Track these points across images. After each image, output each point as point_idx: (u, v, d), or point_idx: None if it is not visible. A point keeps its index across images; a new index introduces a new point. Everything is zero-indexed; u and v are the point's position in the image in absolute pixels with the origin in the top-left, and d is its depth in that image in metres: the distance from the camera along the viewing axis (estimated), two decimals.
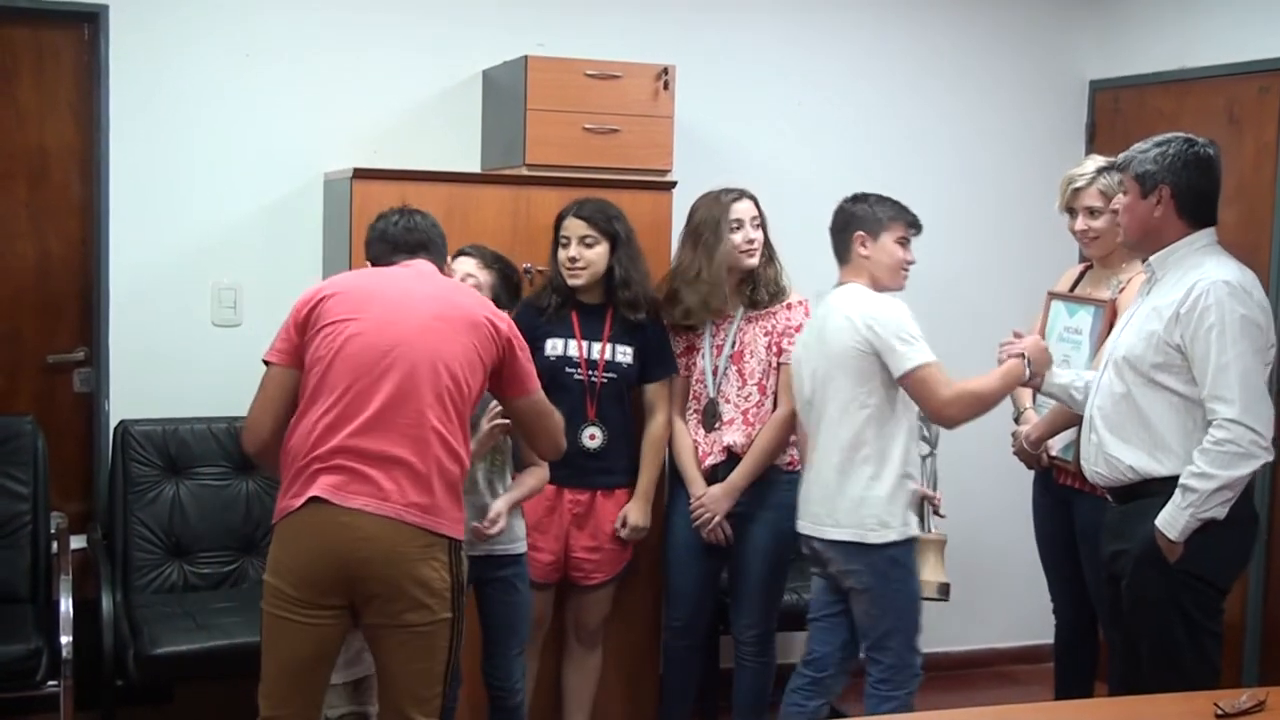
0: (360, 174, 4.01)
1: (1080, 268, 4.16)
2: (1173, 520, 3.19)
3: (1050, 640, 5.58)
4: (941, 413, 3.56)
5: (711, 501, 4.00)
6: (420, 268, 3.21)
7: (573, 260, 3.91)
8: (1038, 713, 3.25)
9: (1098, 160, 3.94)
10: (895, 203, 3.76)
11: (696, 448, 4.07)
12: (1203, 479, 3.15)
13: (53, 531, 4.14)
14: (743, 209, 4.03)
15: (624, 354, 3.97)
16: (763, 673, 4.15)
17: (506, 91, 4.36)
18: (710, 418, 4.05)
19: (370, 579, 2.91)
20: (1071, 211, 3.98)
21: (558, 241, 3.96)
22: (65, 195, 4.36)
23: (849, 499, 3.60)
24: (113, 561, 4.11)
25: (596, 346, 3.94)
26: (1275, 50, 4.57)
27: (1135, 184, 3.33)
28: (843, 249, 3.76)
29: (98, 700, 3.83)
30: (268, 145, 4.36)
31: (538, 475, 3.65)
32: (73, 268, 4.38)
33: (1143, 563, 3.29)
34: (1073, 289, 4.09)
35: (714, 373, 4.04)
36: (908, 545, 3.64)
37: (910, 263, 3.75)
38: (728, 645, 4.40)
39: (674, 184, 4.32)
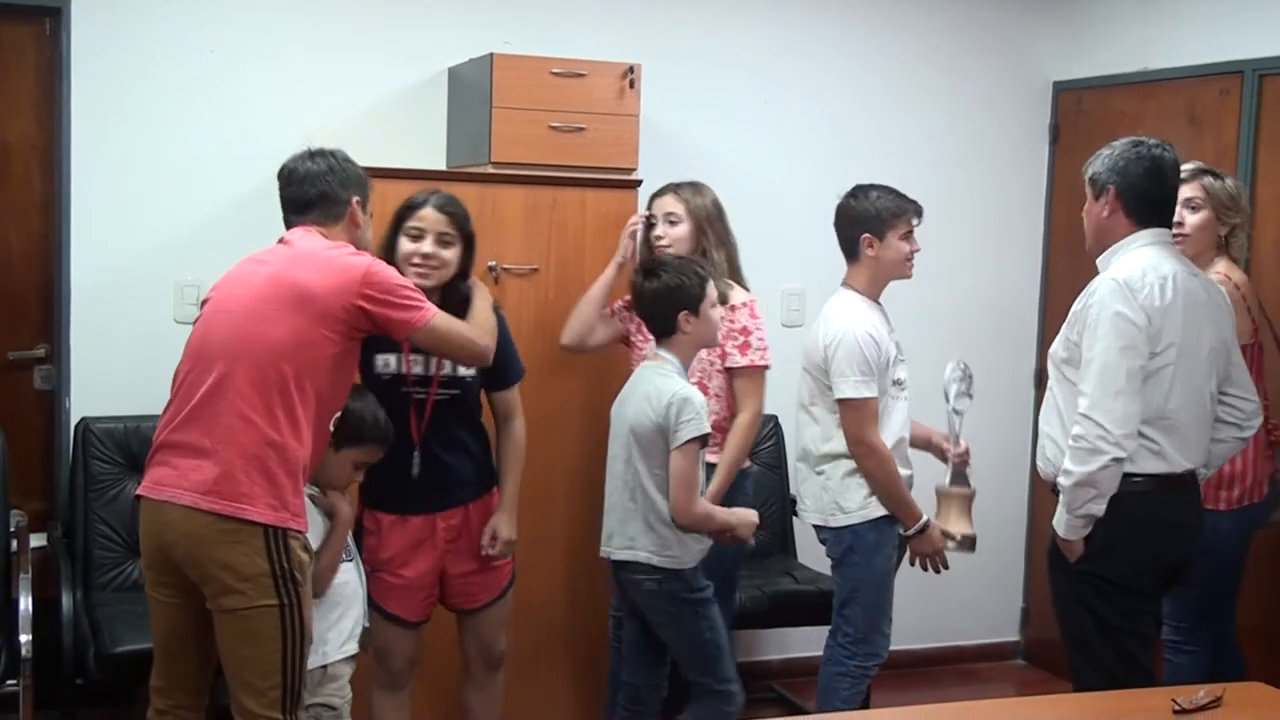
0: None
1: None
2: (1058, 519, 3.29)
3: (1013, 638, 5.65)
4: (853, 448, 3.82)
5: None
6: (290, 241, 3.22)
7: (427, 258, 3.47)
8: (998, 708, 3.27)
9: (1198, 162, 3.96)
10: (896, 195, 3.93)
11: None
12: (1065, 475, 3.24)
13: (12, 530, 4.09)
14: (656, 205, 4.04)
15: (466, 368, 3.55)
16: None
17: (472, 89, 4.35)
18: None
19: (182, 563, 3.05)
20: None
21: (400, 233, 3.51)
22: (26, 191, 4.32)
23: (815, 486, 3.92)
24: (73, 559, 4.08)
25: (427, 361, 3.52)
26: (1235, 53, 4.61)
27: (1089, 187, 3.40)
28: (849, 248, 3.93)
29: (57, 699, 3.80)
30: (231, 142, 4.34)
31: None
32: (34, 264, 4.35)
33: (1050, 561, 3.38)
34: None
35: None
36: (869, 525, 3.85)
37: (915, 252, 3.94)
38: None
39: (639, 182, 4.32)
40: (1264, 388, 3.86)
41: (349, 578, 3.41)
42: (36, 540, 4.12)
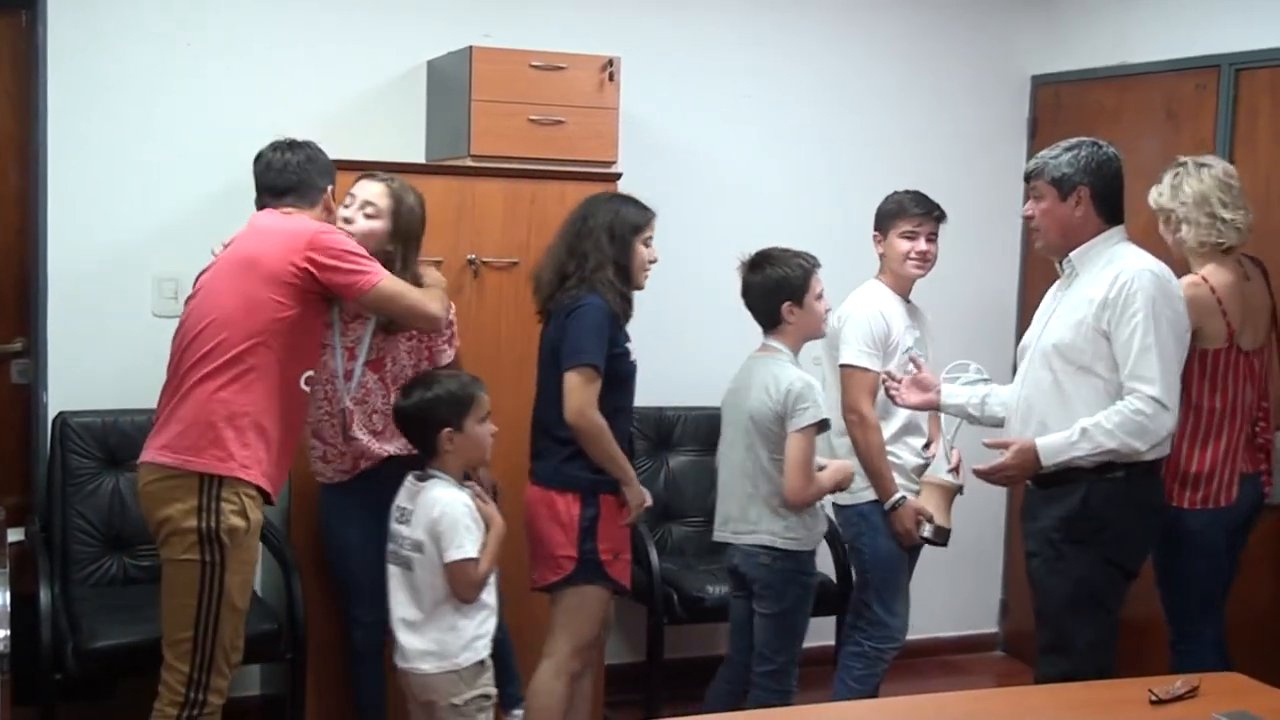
0: None
1: None
2: (1056, 452, 3.32)
3: (992, 629, 5.68)
4: (846, 415, 3.98)
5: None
6: (257, 223, 3.50)
7: (653, 263, 3.78)
8: (976, 700, 3.28)
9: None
10: (908, 196, 4.12)
11: (327, 454, 3.79)
12: (1107, 436, 3.27)
13: None
14: (359, 189, 3.71)
15: None
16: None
17: (451, 82, 4.35)
18: (345, 425, 3.73)
19: (143, 517, 3.41)
20: None
21: (639, 242, 3.70)
22: (3, 184, 4.30)
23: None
24: (51, 554, 4.07)
25: None
26: (1212, 47, 4.64)
27: (1052, 188, 3.45)
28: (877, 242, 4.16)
29: (36, 695, 3.78)
30: (209, 135, 4.32)
31: None
32: (10, 257, 4.33)
33: (1062, 545, 3.38)
34: None
35: (346, 376, 3.71)
36: (873, 506, 3.98)
37: (920, 252, 4.08)
38: (675, 634, 4.43)
39: (619, 175, 4.32)
40: (1243, 391, 3.89)
41: (491, 579, 3.53)
42: (14, 535, 4.09)
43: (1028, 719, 2.88)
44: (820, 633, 4.41)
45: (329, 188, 3.60)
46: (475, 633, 3.46)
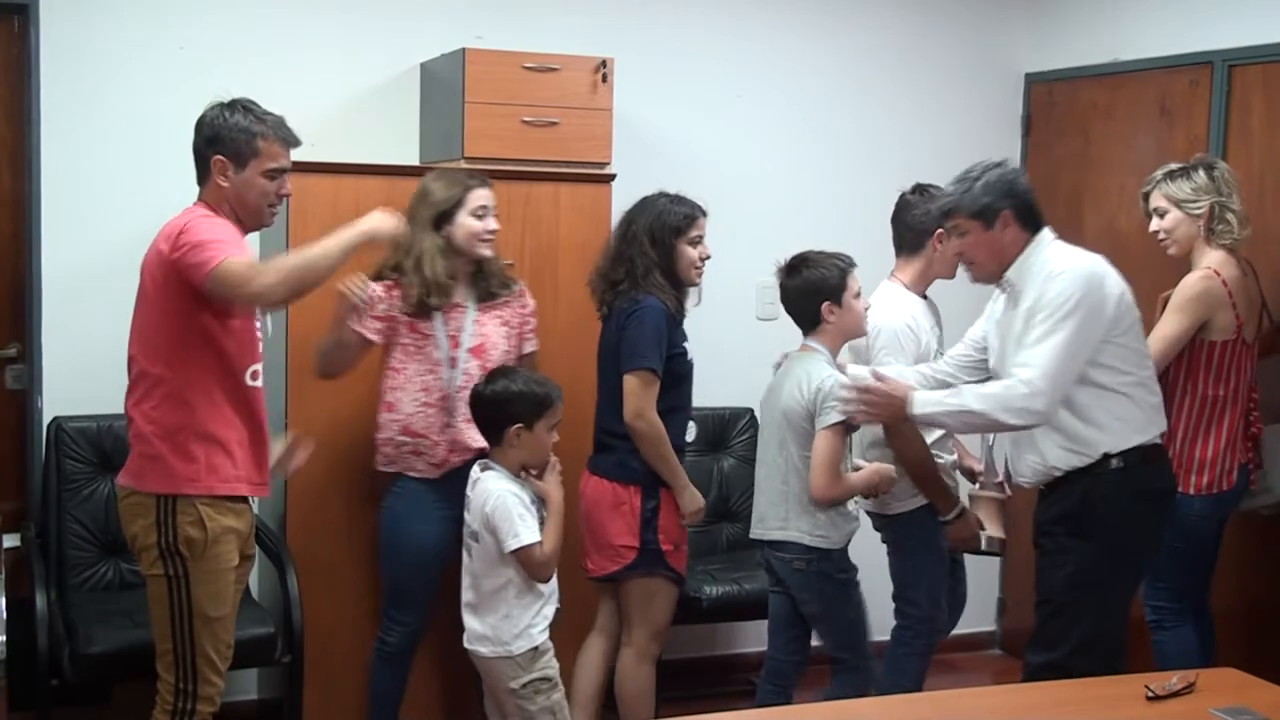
0: (297, 167, 3.93)
1: None
2: (926, 402, 3.39)
3: (989, 628, 5.67)
4: (890, 432, 3.84)
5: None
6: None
7: (705, 260, 3.87)
8: (975, 698, 3.28)
9: (1169, 165, 4.04)
10: None
11: (419, 446, 3.83)
12: (977, 400, 3.32)
13: None
14: (487, 196, 3.83)
15: None
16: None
17: (445, 84, 4.35)
18: (451, 413, 3.81)
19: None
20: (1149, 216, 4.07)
21: (683, 243, 3.80)
22: None
23: None
24: (47, 560, 4.06)
25: None
26: (1205, 44, 4.64)
27: (975, 221, 3.45)
28: (915, 241, 4.00)
29: (33, 701, 3.78)
30: None
31: None
32: (4, 263, 4.33)
33: (1063, 538, 3.40)
34: None
35: (451, 364, 3.80)
36: (924, 511, 3.90)
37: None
38: (674, 634, 4.41)
39: (613, 176, 4.32)
40: (1245, 381, 3.93)
41: None
42: (9, 541, 4.08)
43: (1024, 716, 2.88)
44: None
45: (216, 156, 3.28)
46: (530, 620, 3.53)
